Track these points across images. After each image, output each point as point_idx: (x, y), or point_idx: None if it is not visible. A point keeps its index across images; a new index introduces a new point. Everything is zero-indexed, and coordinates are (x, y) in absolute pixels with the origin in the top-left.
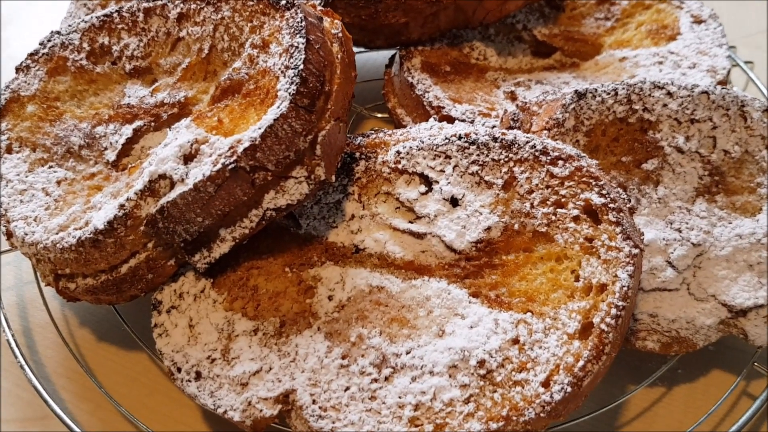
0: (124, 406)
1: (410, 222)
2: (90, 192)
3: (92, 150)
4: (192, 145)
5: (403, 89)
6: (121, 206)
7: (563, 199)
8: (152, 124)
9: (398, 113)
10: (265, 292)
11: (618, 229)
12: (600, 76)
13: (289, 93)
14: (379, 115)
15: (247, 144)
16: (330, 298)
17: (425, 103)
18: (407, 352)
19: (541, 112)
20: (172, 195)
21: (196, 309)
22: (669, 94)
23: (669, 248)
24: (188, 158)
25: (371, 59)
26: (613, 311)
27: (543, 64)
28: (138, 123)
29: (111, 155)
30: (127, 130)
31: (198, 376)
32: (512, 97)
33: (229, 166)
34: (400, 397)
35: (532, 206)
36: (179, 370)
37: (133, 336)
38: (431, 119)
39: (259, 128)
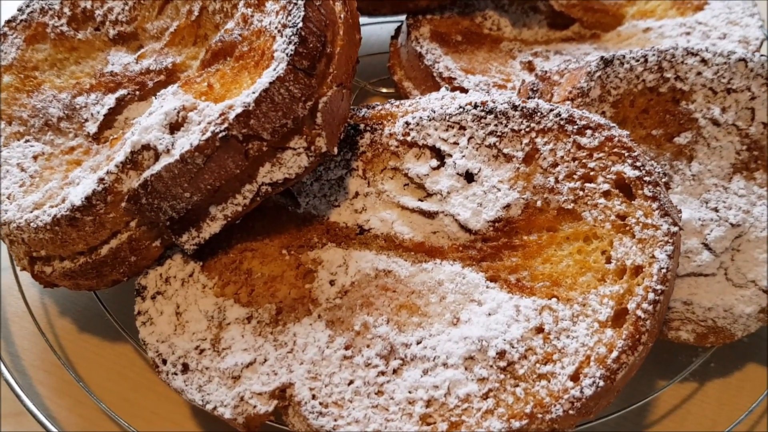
0: (106, 402)
1: (420, 200)
2: (69, 167)
3: (72, 122)
4: (179, 112)
5: (410, 60)
6: (101, 180)
7: (592, 173)
8: (137, 92)
9: (405, 86)
10: (260, 277)
11: (655, 205)
12: (623, 48)
13: (287, 54)
14: (385, 91)
15: (239, 110)
16: (332, 282)
17: (435, 74)
18: (418, 342)
19: (563, 81)
20: (157, 167)
21: (183, 295)
22: (703, 61)
23: (705, 229)
24: (175, 127)
25: (375, 33)
26: (651, 296)
27: (561, 36)
28: (121, 92)
29: (92, 127)
30: (110, 100)
31: (185, 368)
32: (530, 67)
33: (220, 135)
34: (410, 392)
35: (556, 181)
36: (164, 361)
37: (116, 326)
38: (443, 89)
39: (253, 93)
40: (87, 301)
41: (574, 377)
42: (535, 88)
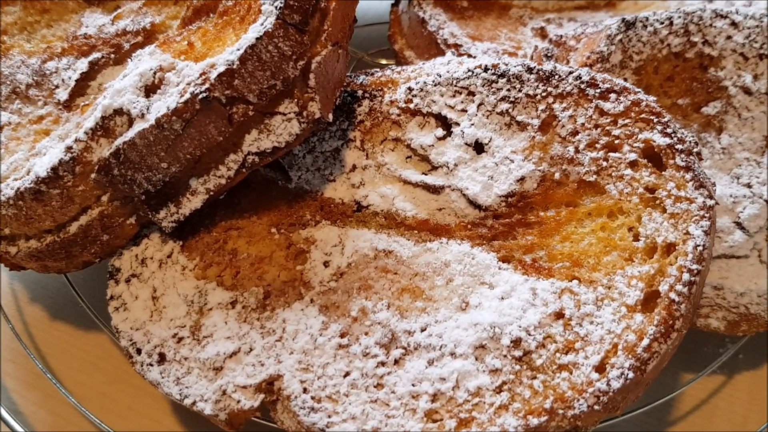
0: (78, 396)
1: (424, 173)
2: (36, 137)
3: (41, 89)
4: (155, 73)
5: (412, 27)
6: (68, 149)
7: (617, 141)
8: (112, 56)
9: (406, 56)
10: (246, 257)
11: (688, 176)
12: None
13: (276, 7)
14: (384, 62)
15: (222, 69)
16: (326, 264)
17: (439, 41)
18: (422, 330)
19: (580, 46)
20: (130, 134)
21: (161, 277)
22: (734, 24)
23: (737, 207)
24: (151, 89)
25: (374, 5)
26: (686, 276)
27: (574, 5)
28: (95, 55)
29: (63, 94)
30: (83, 64)
31: (162, 358)
32: (542, 34)
33: (200, 96)
34: (413, 385)
35: (576, 151)
36: (139, 351)
37: (90, 314)
38: (449, 53)
39: (238, 50)
40: (59, 287)
41: (600, 368)
42: (549, 54)
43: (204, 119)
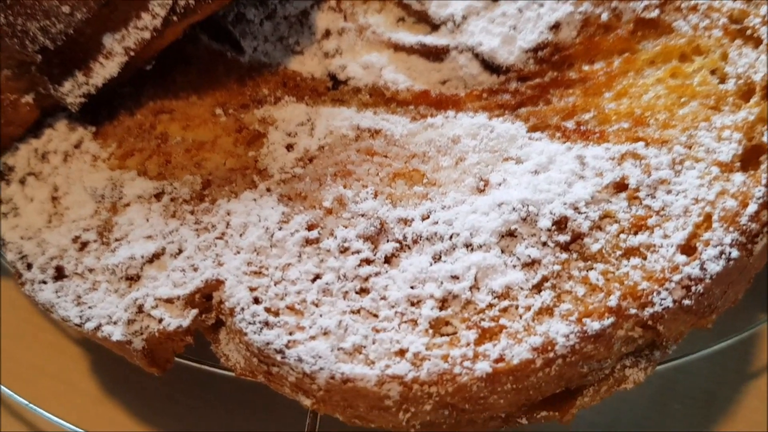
0: None
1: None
2: None
3: None
4: None
5: None
6: None
7: None
8: None
9: None
10: (179, 143)
11: None
12: None
13: None
14: None
15: None
16: (289, 147)
17: None
18: (423, 218)
19: None
20: None
21: (65, 173)
22: None
23: None
24: None
25: None
26: None
27: None
28: None
29: None
30: None
31: (59, 273)
32: None
33: None
34: (413, 288)
35: None
36: (29, 266)
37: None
38: None
39: None
40: None
41: (688, 248)
42: None
43: None
